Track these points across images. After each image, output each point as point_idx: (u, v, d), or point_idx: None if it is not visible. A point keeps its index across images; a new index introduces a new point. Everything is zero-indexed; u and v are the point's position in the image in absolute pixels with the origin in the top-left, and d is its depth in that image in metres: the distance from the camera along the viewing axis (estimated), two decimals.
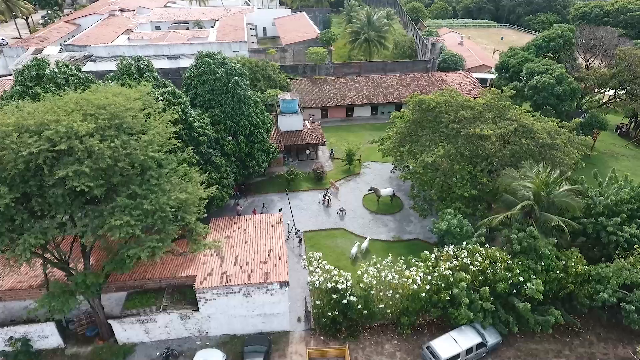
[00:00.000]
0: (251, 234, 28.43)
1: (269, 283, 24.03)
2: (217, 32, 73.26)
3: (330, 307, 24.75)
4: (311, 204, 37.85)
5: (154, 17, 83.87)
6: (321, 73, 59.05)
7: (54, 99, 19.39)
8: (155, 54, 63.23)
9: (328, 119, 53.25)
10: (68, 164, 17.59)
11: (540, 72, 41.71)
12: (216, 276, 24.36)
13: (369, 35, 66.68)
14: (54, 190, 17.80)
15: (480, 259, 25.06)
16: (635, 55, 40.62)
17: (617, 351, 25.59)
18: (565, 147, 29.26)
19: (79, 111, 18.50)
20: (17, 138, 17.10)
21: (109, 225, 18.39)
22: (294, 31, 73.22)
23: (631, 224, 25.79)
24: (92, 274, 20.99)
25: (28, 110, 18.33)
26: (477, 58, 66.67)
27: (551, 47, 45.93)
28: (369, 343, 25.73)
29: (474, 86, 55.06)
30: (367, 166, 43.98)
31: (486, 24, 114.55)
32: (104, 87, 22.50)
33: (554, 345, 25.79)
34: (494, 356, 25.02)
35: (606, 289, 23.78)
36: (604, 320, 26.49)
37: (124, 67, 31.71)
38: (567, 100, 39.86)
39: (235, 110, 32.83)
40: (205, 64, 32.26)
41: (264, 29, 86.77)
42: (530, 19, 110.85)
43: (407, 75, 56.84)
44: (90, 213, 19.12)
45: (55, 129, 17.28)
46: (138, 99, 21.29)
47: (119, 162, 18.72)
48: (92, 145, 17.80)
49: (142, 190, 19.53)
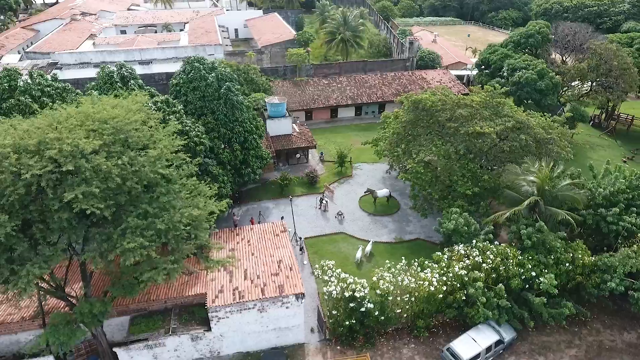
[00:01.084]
0: (256, 245, 27.38)
1: (285, 296, 23.14)
2: (188, 35, 71.00)
3: (347, 316, 24.17)
4: (308, 210, 37.07)
5: (119, 21, 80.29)
6: (302, 74, 58.25)
7: (51, 114, 17.68)
8: (126, 59, 60.28)
9: (313, 120, 52.57)
10: (74, 185, 16.08)
11: (521, 68, 42.76)
12: (228, 293, 23.21)
13: (345, 35, 66.47)
14: (58, 214, 16.21)
15: (492, 257, 25.19)
16: (609, 49, 42.44)
17: (623, 337, 26.43)
18: (561, 141, 29.97)
19: (81, 127, 16.96)
20: (16, 160, 15.43)
21: (122, 249, 16.99)
22: (268, 32, 71.98)
23: (629, 213, 26.65)
24: (99, 301, 19.41)
25: (24, 129, 16.63)
26: (452, 55, 67.88)
27: (529, 43, 47.28)
28: (387, 349, 25.33)
29: (454, 83, 55.91)
30: (359, 167, 43.65)
31: (452, 22, 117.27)
32: (96, 98, 20.82)
33: (564, 336, 26.31)
34: (510, 352, 25.21)
35: (613, 278, 24.46)
36: (609, 308, 27.28)
37: (106, 76, 29.92)
38: (550, 94, 41.06)
39: (228, 116, 31.58)
40: (195, 69, 30.84)
41: (235, 31, 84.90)
42: (493, 16, 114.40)
43: (388, 75, 57.01)
44: (97, 237, 17.61)
45: (59, 147, 15.73)
46: (139, 111, 19.88)
47: (127, 181, 17.34)
48: (100, 164, 16.38)
49: (153, 208, 18.20)
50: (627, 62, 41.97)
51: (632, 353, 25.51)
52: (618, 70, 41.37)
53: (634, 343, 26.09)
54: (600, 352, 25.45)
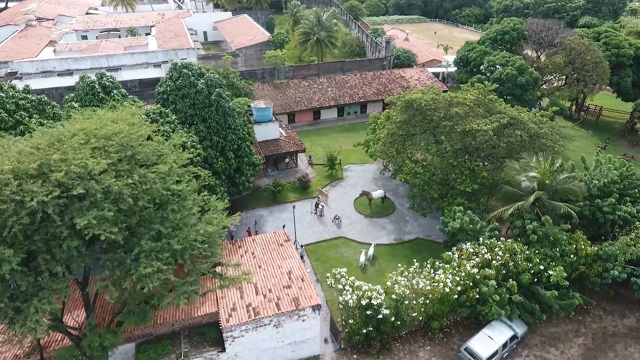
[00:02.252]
0: (261, 257, 26.35)
1: (301, 309, 22.33)
2: (157, 40, 68.16)
3: (364, 323, 23.67)
4: (304, 215, 36.27)
5: (79, 26, 76.00)
6: (280, 77, 57.25)
7: (49, 132, 16.03)
8: (92, 66, 57.19)
9: (296, 123, 51.72)
10: (83, 209, 14.65)
11: (501, 64, 43.76)
12: (241, 310, 22.13)
13: (320, 35, 65.91)
14: (67, 242, 14.72)
15: (501, 253, 25.43)
16: (582, 44, 44.22)
17: (624, 321, 27.42)
18: (552, 135, 30.76)
19: (85, 145, 15.50)
20: (17, 186, 13.84)
21: (137, 275, 15.70)
22: (241, 35, 70.33)
23: (623, 202, 27.65)
24: (109, 332, 17.93)
25: (20, 150, 14.97)
26: (426, 53, 68.83)
27: (506, 40, 48.52)
28: (403, 354, 25.05)
29: (432, 81, 56.60)
30: (349, 169, 43.27)
31: (418, 19, 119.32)
32: (90, 112, 19.21)
33: (570, 325, 26.98)
34: (522, 346, 25.57)
35: (615, 266, 25.28)
36: (608, 295, 28.22)
37: (87, 86, 27.96)
38: (530, 89, 42.23)
39: (220, 124, 30.28)
40: (183, 76, 29.34)
41: (204, 34, 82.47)
42: (456, 13, 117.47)
43: (367, 74, 56.98)
44: (108, 263, 16.21)
45: (66, 169, 14.25)
46: (141, 124, 18.53)
47: (138, 201, 16.04)
48: (110, 185, 15.02)
49: (166, 228, 16.96)
50: (599, 56, 43.93)
51: (634, 337, 26.49)
52: (591, 64, 43.21)
53: (635, 326, 27.12)
54: (605, 339, 26.27)
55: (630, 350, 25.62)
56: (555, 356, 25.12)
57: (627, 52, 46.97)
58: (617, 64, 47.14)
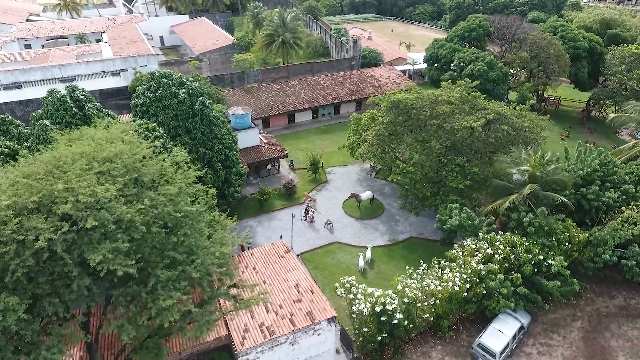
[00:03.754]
0: (264, 271, 25.24)
1: (317, 323, 21.55)
2: (111, 46, 64.35)
3: (378, 330, 23.25)
4: (295, 222, 35.28)
5: (21, 34, 70.31)
6: (250, 81, 55.75)
7: (47, 159, 14.19)
8: (44, 77, 53.03)
9: (271, 128, 50.51)
10: (94, 242, 13.10)
11: (471, 61, 44.91)
12: (255, 331, 21.00)
13: (285, 37, 64.88)
14: (78, 282, 13.10)
15: (502, 247, 25.90)
16: (545, 38, 46.35)
17: (613, 302, 28.86)
18: (534, 127, 31.82)
19: (89, 171, 13.88)
20: (18, 223, 12.10)
21: (157, 309, 14.30)
22: (202, 38, 67.83)
23: (605, 189, 29.05)
24: None
25: (14, 180, 13.11)
26: (391, 51, 69.64)
27: (472, 37, 49.89)
28: (416, 356, 24.92)
29: (402, 79, 57.30)
30: (332, 172, 42.77)
31: (374, 18, 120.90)
32: (79, 133, 17.38)
33: (567, 310, 28.02)
34: (527, 335, 26.21)
35: (605, 250, 26.49)
36: (597, 277, 29.57)
37: (57, 101, 25.56)
38: (500, 84, 43.64)
39: (206, 135, 28.76)
40: (163, 86, 27.53)
41: (161, 38, 78.88)
42: (410, 11, 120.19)
43: (338, 75, 56.72)
44: (121, 299, 14.66)
45: (73, 200, 12.64)
46: (141, 142, 17.01)
47: (151, 227, 14.63)
48: (122, 213, 13.54)
49: (180, 254, 15.63)
50: (560, 50, 46.25)
51: (625, 315, 27.94)
52: (554, 57, 45.38)
53: (623, 305, 28.61)
54: (600, 320, 27.51)
55: (624, 328, 26.97)
56: (558, 342, 25.96)
57: (583, 45, 49.84)
58: (574, 56, 49.86)
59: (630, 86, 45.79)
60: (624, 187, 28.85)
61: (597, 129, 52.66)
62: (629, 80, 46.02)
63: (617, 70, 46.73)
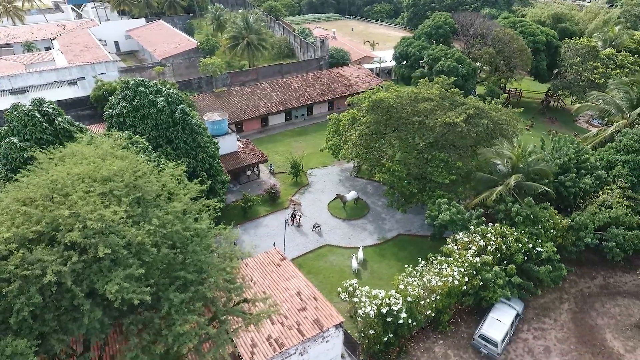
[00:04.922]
0: (262, 281, 24.46)
1: (325, 330, 21.13)
2: (64, 54, 60.54)
3: (384, 331, 23.18)
4: (281, 228, 34.63)
5: None
6: (218, 85, 54.24)
7: (37, 182, 12.81)
8: None
9: (244, 132, 49.35)
10: (104, 271, 12.04)
11: (440, 57, 45.94)
12: (263, 345, 20.27)
13: (250, 39, 63.73)
14: (89, 315, 11.98)
15: (493, 238, 26.58)
16: (508, 34, 48.22)
17: (594, 282, 30.43)
18: (511, 120, 32.94)
19: (92, 193, 12.73)
20: (21, 257, 10.86)
21: (173, 335, 13.39)
22: (163, 43, 65.25)
23: (580, 176, 30.54)
24: None
25: (9, 207, 11.76)
26: (357, 50, 70.08)
27: (439, 34, 51.06)
28: (420, 353, 25.09)
29: (371, 77, 57.79)
30: (312, 174, 42.38)
31: (333, 17, 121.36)
32: (66, 149, 16.00)
33: (554, 294, 29.23)
34: (521, 321, 27.07)
35: (587, 234, 27.85)
36: (581, 260, 31.03)
37: (24, 116, 23.55)
38: (470, 79, 44.94)
39: (189, 144, 27.55)
40: (140, 95, 26.05)
41: (115, 44, 75.13)
42: (368, 10, 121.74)
43: (308, 75, 56.35)
44: (133, 328, 13.60)
45: (80, 227, 11.52)
46: (132, 158, 15.92)
47: (160, 249, 13.69)
48: (132, 237, 12.54)
49: (191, 274, 14.74)
50: (523, 44, 48.30)
51: (606, 294, 29.51)
52: (517, 52, 47.35)
53: (603, 284, 30.22)
54: (585, 300, 28.89)
55: (607, 306, 28.47)
56: (550, 325, 27.00)
57: (541, 39, 52.34)
58: (533, 50, 52.26)
59: (586, 77, 48.56)
60: (597, 173, 30.44)
61: (557, 118, 55.52)
62: (584, 71, 48.79)
63: (573, 62, 49.44)
